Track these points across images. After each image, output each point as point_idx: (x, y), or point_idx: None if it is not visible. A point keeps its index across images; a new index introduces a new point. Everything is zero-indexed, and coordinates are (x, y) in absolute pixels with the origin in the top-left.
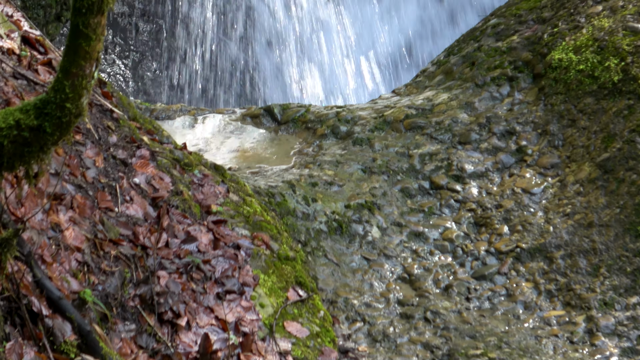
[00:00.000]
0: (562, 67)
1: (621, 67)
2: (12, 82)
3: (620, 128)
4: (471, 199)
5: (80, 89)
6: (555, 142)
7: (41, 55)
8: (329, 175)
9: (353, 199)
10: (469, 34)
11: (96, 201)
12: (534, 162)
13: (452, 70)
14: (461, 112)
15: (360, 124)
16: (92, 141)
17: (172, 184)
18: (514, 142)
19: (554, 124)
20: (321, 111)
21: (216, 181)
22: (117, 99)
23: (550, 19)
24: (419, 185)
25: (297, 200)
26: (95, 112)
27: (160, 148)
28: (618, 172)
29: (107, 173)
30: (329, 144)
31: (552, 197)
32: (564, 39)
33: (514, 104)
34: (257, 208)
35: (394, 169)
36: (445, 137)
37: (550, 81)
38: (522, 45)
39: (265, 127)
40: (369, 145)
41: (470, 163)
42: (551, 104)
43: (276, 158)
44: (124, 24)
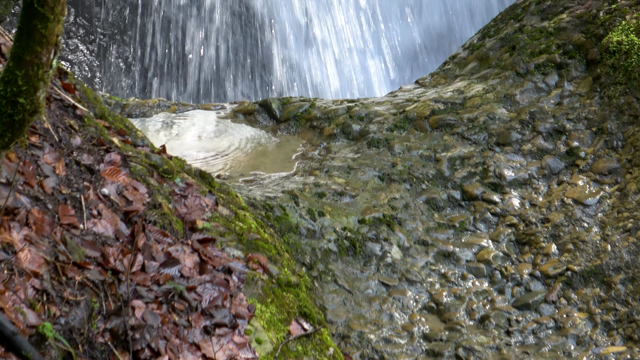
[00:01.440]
0: (622, 51)
1: None
2: None
3: None
4: (512, 211)
5: (35, 80)
6: (614, 143)
7: None
8: (339, 184)
9: (368, 212)
10: (509, 11)
11: (57, 216)
12: (588, 167)
13: (488, 56)
14: (499, 106)
15: (376, 121)
16: (51, 144)
17: (149, 195)
18: (563, 143)
19: (611, 120)
20: (329, 106)
21: (202, 192)
22: (81, 93)
23: None
24: (448, 195)
25: (300, 214)
26: (55, 109)
27: (134, 152)
28: None
29: (70, 182)
30: (339, 146)
31: (610, 209)
32: (624, 17)
33: (563, 97)
34: (252, 224)
35: (417, 176)
36: (479, 138)
37: (607, 69)
38: (573, 25)
39: (262, 125)
40: (388, 148)
41: (511, 168)
42: (608, 96)
43: (275, 163)
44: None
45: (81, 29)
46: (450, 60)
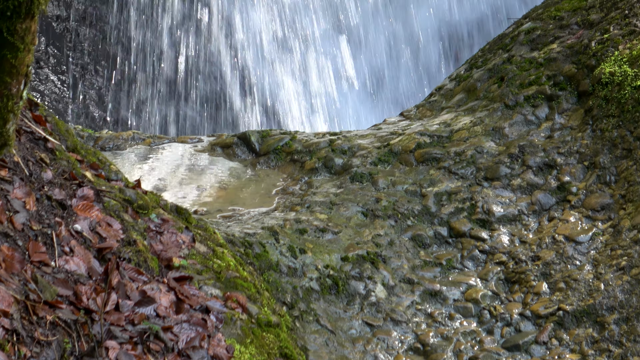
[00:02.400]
0: (614, 82)
1: None
2: None
3: None
4: (501, 249)
5: (5, 112)
6: (607, 178)
7: None
8: (321, 220)
9: (352, 249)
10: (497, 41)
11: (27, 253)
12: (580, 203)
13: (476, 88)
14: (487, 140)
15: (360, 155)
16: (21, 178)
17: (123, 231)
18: (554, 178)
19: (604, 154)
20: (311, 139)
21: (179, 228)
22: (53, 125)
23: (599, 23)
24: (434, 232)
25: (281, 252)
26: (25, 142)
27: (108, 186)
28: None
29: (41, 218)
30: (321, 181)
31: (603, 246)
32: (616, 47)
33: (554, 130)
34: (230, 261)
35: (403, 212)
36: (467, 172)
37: (599, 101)
38: (564, 55)
39: (240, 159)
40: (371, 182)
41: (500, 204)
42: (601, 129)
43: (254, 198)
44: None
45: (52, 58)
46: (436, 91)
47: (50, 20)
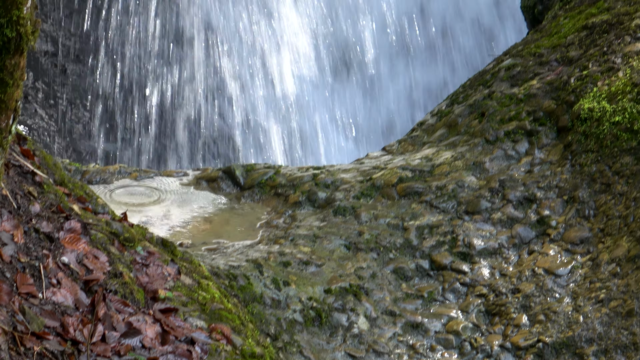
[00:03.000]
0: (593, 118)
1: None
2: None
3: None
4: (481, 281)
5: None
6: (586, 212)
7: None
8: (304, 252)
9: (335, 282)
10: (478, 77)
11: (15, 285)
12: (559, 237)
13: (457, 123)
14: (468, 174)
15: (342, 189)
16: (9, 211)
17: (110, 263)
18: (534, 212)
19: (583, 189)
20: (294, 173)
21: (164, 260)
22: (41, 159)
23: (578, 59)
24: (416, 265)
25: (265, 284)
26: (13, 175)
27: (95, 219)
28: None
29: (29, 250)
30: (305, 214)
31: (582, 279)
32: (595, 84)
33: (533, 165)
34: (215, 293)
35: (385, 245)
36: (448, 206)
37: (578, 136)
38: (544, 91)
39: (225, 193)
40: (354, 216)
41: (480, 237)
42: (580, 164)
43: (239, 231)
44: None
45: (40, 93)
46: (418, 126)
47: (38, 56)
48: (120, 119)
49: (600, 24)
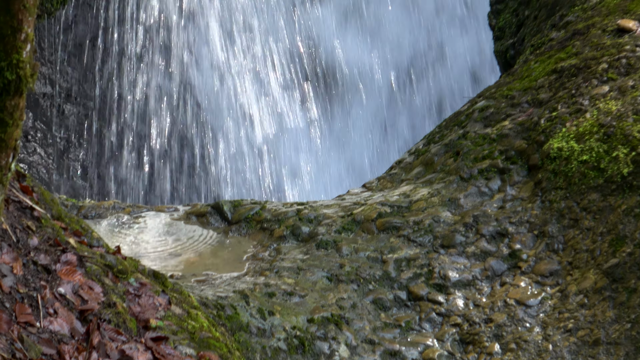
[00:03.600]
0: (562, 157)
1: (631, 158)
2: None
3: (631, 229)
4: (456, 312)
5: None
6: (555, 246)
7: None
8: (288, 284)
9: (317, 312)
10: (453, 118)
11: (14, 314)
12: (530, 269)
13: (433, 161)
14: (444, 210)
15: (325, 224)
16: (9, 244)
17: (104, 294)
18: (506, 246)
19: (553, 224)
20: (279, 209)
21: (155, 291)
22: (39, 195)
23: (547, 102)
24: (394, 295)
25: (251, 314)
26: (13, 210)
27: (90, 252)
28: (629, 280)
29: (27, 281)
30: (289, 248)
31: (552, 310)
32: (564, 124)
33: (505, 201)
34: (203, 323)
35: (365, 277)
36: (425, 240)
37: (548, 174)
38: (515, 132)
39: (214, 227)
40: (336, 249)
41: (455, 270)
42: (549, 200)
43: (226, 264)
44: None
45: (39, 132)
46: (396, 164)
47: (37, 97)
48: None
49: (568, 68)
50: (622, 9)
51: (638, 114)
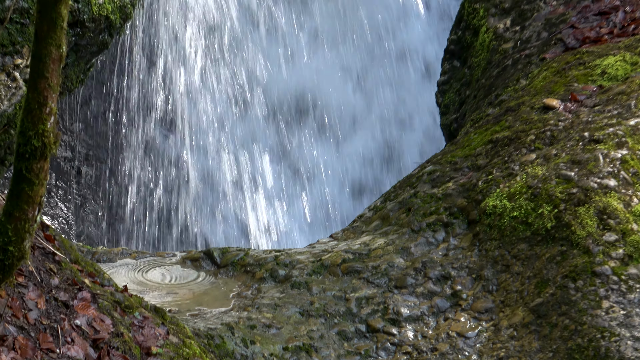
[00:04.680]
0: (496, 213)
1: (554, 214)
2: None
3: (553, 274)
4: (407, 342)
5: (23, 232)
6: (490, 287)
7: None
8: (267, 318)
9: (291, 341)
10: (406, 180)
11: (38, 342)
12: (469, 307)
13: (389, 216)
14: (397, 256)
15: (298, 267)
16: (34, 283)
17: (113, 325)
18: (449, 287)
19: (488, 269)
20: (260, 255)
21: (156, 323)
22: (60, 242)
23: (484, 167)
24: (355, 328)
25: (235, 343)
26: (38, 255)
27: (102, 290)
28: (551, 317)
29: (49, 315)
30: (268, 287)
31: (487, 341)
32: (498, 186)
33: (449, 249)
34: (196, 350)
35: (331, 313)
36: (381, 281)
37: (484, 227)
38: (457, 192)
39: (205, 270)
40: (307, 289)
41: (406, 307)
42: (485, 249)
43: (215, 301)
44: (67, 168)
45: (60, 190)
46: (358, 219)
47: (59, 160)
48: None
49: (502, 139)
50: (547, 90)
51: (560, 178)
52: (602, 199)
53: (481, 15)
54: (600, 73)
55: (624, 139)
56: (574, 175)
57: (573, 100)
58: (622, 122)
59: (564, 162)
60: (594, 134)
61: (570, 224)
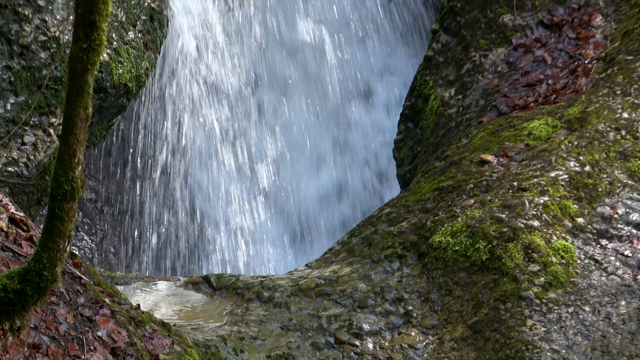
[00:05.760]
0: (441, 247)
1: (488, 249)
2: (0, 254)
3: (487, 297)
4: (367, 352)
5: (55, 260)
6: (435, 308)
7: (24, 232)
8: (254, 331)
9: (273, 350)
10: (368, 220)
11: (67, 350)
12: (418, 323)
13: (354, 249)
14: (360, 282)
15: (279, 290)
16: (64, 302)
17: (128, 336)
18: (402, 307)
19: (434, 293)
20: (248, 280)
21: (163, 335)
22: (85, 268)
23: (432, 209)
24: (326, 340)
25: (228, 351)
26: (67, 279)
27: (119, 308)
28: (485, 332)
29: (76, 327)
30: (255, 307)
31: (432, 351)
32: (443, 225)
33: (402, 277)
34: (196, 357)
35: (306, 327)
36: (347, 302)
37: (432, 259)
38: (410, 230)
39: (204, 292)
40: (287, 308)
41: (367, 323)
42: (432, 277)
43: (211, 317)
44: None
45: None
46: (329, 251)
47: (85, 201)
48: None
49: (447, 187)
50: (484, 147)
51: (493, 219)
52: (528, 237)
53: (430, 86)
54: (527, 134)
55: (546, 187)
56: (504, 217)
57: (505, 156)
58: (544, 174)
59: (496, 206)
60: (522, 184)
61: (502, 256)
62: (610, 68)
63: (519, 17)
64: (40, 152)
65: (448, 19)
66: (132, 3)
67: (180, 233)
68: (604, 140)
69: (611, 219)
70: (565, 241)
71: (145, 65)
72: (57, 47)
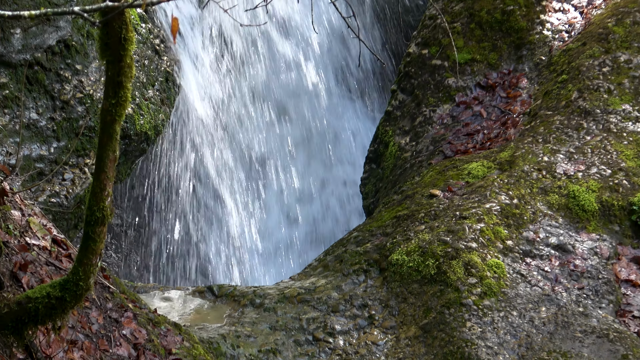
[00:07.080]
0: (398, 264)
1: (436, 265)
2: (45, 268)
3: (435, 304)
4: (339, 348)
5: (89, 273)
6: (393, 312)
7: (64, 250)
8: (248, 330)
9: (263, 346)
10: (339, 242)
11: (98, 345)
12: (380, 325)
13: (328, 265)
14: (333, 291)
15: (269, 298)
16: (96, 306)
17: (147, 334)
18: (367, 312)
19: (392, 300)
20: (244, 289)
21: (175, 333)
22: (113, 280)
23: (391, 233)
24: (305, 338)
25: (227, 346)
26: (98, 288)
27: (140, 312)
28: (433, 332)
29: (105, 327)
30: (249, 311)
31: (391, 347)
32: (400, 246)
33: (367, 287)
34: (201, 351)
35: (289, 327)
36: (323, 308)
37: (390, 273)
38: (373, 249)
39: (208, 299)
40: (274, 312)
41: (339, 324)
42: (391, 287)
43: (214, 319)
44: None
45: (113, 245)
46: (308, 266)
47: (112, 226)
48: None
49: (403, 215)
50: (433, 183)
51: (440, 241)
52: (467, 256)
53: (390, 134)
54: (467, 173)
55: (482, 216)
56: (449, 240)
57: (449, 191)
58: (480, 205)
59: (443, 231)
60: (463, 213)
61: (446, 271)
62: (534, 121)
63: (461, 80)
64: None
65: (404, 81)
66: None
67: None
68: (529, 179)
69: (534, 241)
70: (498, 259)
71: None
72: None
